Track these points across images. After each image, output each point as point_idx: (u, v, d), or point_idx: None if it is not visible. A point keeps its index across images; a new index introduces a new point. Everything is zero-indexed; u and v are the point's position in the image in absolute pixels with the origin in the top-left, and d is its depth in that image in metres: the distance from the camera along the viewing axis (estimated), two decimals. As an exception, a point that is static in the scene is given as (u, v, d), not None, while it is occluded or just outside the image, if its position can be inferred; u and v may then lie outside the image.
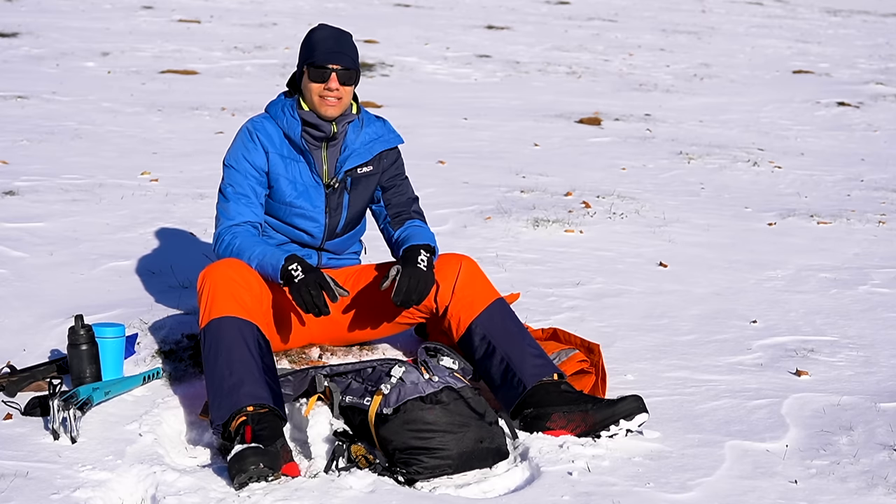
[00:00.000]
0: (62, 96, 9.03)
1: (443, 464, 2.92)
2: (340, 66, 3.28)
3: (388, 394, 3.01)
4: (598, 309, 4.33)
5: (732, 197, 6.71)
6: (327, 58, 3.27)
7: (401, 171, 3.57)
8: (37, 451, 2.91)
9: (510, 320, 3.32)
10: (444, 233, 5.34)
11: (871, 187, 7.23)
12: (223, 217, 3.35)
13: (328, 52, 3.28)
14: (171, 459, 2.98)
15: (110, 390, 3.24)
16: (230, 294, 3.10)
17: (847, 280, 4.89)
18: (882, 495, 2.82)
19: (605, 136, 8.77)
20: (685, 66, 13.93)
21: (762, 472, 2.95)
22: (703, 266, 5.04)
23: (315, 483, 2.79)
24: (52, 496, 2.67)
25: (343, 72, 3.29)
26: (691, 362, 3.79)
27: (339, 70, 3.28)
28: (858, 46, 17.18)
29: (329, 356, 3.57)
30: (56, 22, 13.76)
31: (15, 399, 3.22)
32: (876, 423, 3.25)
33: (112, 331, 3.39)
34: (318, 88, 3.29)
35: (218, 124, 8.24)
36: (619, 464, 2.95)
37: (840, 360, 3.86)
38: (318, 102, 3.31)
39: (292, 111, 3.38)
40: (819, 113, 10.80)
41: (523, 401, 3.18)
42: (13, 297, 4.11)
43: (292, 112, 3.37)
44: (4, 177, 5.97)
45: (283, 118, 3.39)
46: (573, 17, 19.05)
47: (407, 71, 12.16)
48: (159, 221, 5.28)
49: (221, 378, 3.00)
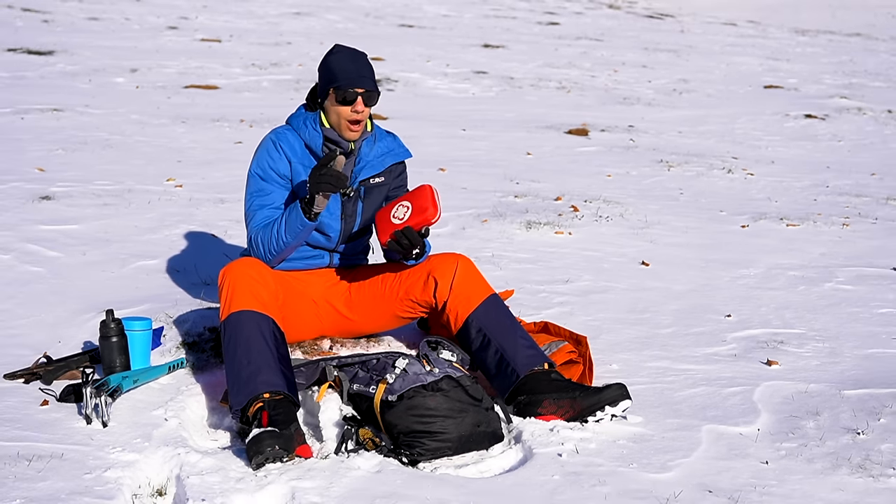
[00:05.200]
0: (94, 109, 9.02)
1: (443, 446, 2.92)
2: (365, 90, 3.28)
3: (392, 383, 3.01)
4: (586, 304, 4.33)
5: (709, 201, 6.70)
6: (352, 82, 3.26)
7: (404, 182, 3.57)
8: (71, 434, 2.91)
9: (504, 314, 3.31)
10: (445, 234, 5.33)
11: (835, 193, 7.23)
12: (252, 224, 3.34)
13: (352, 78, 3.26)
14: (194, 442, 2.98)
15: (138, 379, 3.24)
16: (248, 290, 3.10)
17: (814, 278, 4.88)
18: (846, 475, 2.82)
19: (592, 146, 8.76)
20: (665, 81, 13.92)
21: (736, 453, 2.95)
22: (681, 265, 5.04)
23: (326, 464, 2.79)
24: (84, 476, 2.67)
25: (367, 94, 3.28)
26: (671, 353, 3.79)
27: (363, 93, 3.28)
28: (824, 63, 17.18)
29: (339, 347, 3.57)
30: (89, 41, 13.76)
31: (51, 387, 3.23)
32: (840, 408, 3.25)
33: (140, 324, 3.39)
34: (345, 112, 3.28)
35: (237, 135, 8.23)
36: (605, 446, 2.95)
37: (807, 351, 3.85)
38: (344, 126, 3.31)
39: (314, 125, 3.36)
40: (788, 124, 10.79)
41: (516, 388, 3.17)
42: (49, 294, 4.11)
43: (314, 125, 3.36)
44: (41, 183, 5.97)
45: (305, 130, 3.38)
46: (563, 37, 19.04)
47: (410, 86, 12.15)
48: (183, 224, 5.27)
49: (240, 367, 3.00)
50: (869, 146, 9.77)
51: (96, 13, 17.02)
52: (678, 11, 27.30)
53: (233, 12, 18.82)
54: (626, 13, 26.01)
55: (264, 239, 3.27)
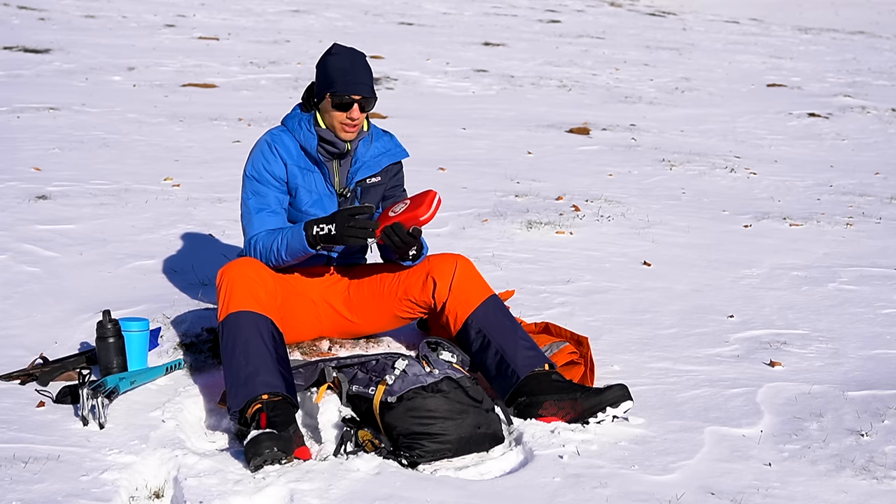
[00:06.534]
0: (91, 108, 9.02)
1: (443, 448, 2.92)
2: (361, 97, 3.28)
3: (392, 384, 3.01)
4: (587, 304, 4.33)
5: (711, 201, 6.70)
6: (349, 88, 3.25)
7: (401, 182, 3.57)
8: (67, 436, 2.91)
9: (503, 315, 3.32)
10: (444, 234, 5.33)
11: (839, 192, 7.23)
12: (248, 228, 3.34)
13: (350, 84, 3.26)
14: (191, 444, 2.98)
15: (135, 380, 3.24)
16: (246, 290, 3.10)
17: (817, 278, 4.88)
18: (849, 477, 2.82)
19: (593, 145, 8.76)
20: (667, 79, 13.92)
21: (738, 455, 2.95)
22: (683, 265, 5.04)
23: (325, 466, 2.79)
24: (81, 478, 2.67)
25: (363, 100, 3.28)
26: (673, 354, 3.79)
27: (359, 100, 3.28)
28: (828, 62, 17.19)
29: (338, 348, 3.57)
30: (85, 39, 13.76)
31: (47, 388, 3.22)
32: (844, 410, 3.25)
33: (137, 325, 3.39)
34: (340, 116, 3.29)
35: (235, 133, 8.23)
36: (607, 448, 2.95)
37: (811, 351, 3.85)
38: (339, 128, 3.31)
39: (309, 126, 3.36)
40: (791, 123, 10.79)
41: (517, 390, 3.17)
42: (46, 294, 4.11)
43: (309, 127, 3.36)
44: (38, 182, 5.96)
45: (300, 132, 3.37)
46: (564, 35, 19.05)
47: (410, 84, 12.16)
48: (181, 224, 5.27)
49: (238, 368, 3.00)
50: (873, 145, 9.77)
51: (93, 11, 17.03)
52: (680, 9, 27.31)
53: (231, 10, 18.83)
54: (627, 11, 26.02)
55: (263, 249, 3.28)
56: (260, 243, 3.28)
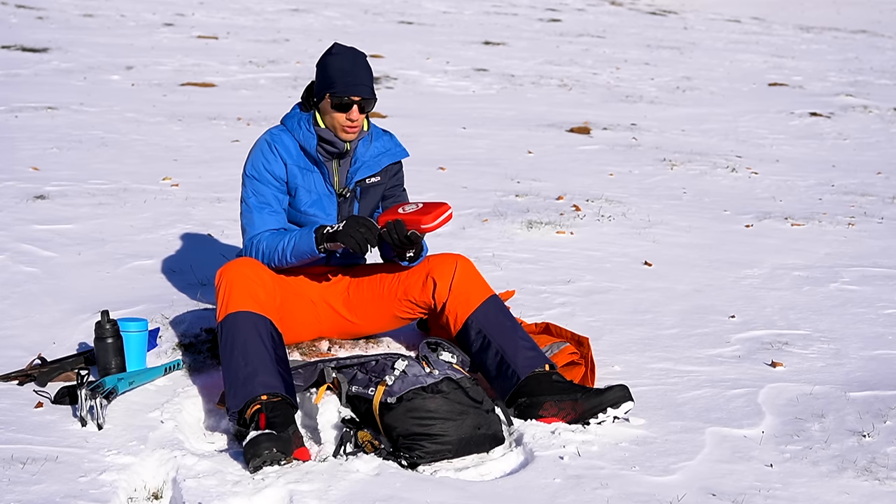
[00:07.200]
0: (89, 107, 9.03)
1: (443, 449, 2.92)
2: (361, 98, 3.28)
3: (391, 384, 3.01)
4: (588, 305, 4.33)
5: (712, 201, 6.70)
6: (348, 89, 3.25)
7: (400, 182, 3.57)
8: (66, 436, 2.91)
9: (504, 315, 3.32)
10: (444, 234, 5.33)
11: (841, 192, 7.23)
12: (248, 228, 3.34)
13: (349, 85, 3.25)
14: (190, 445, 2.98)
15: (134, 380, 3.24)
16: (245, 290, 3.10)
17: (819, 278, 4.88)
18: (851, 478, 2.82)
19: (594, 144, 8.76)
20: (668, 79, 13.92)
21: (740, 456, 2.95)
22: (684, 265, 5.04)
23: (324, 467, 2.79)
24: (79, 479, 2.67)
25: (363, 102, 3.28)
26: (674, 354, 3.79)
27: (359, 101, 3.28)
28: (829, 61, 17.19)
29: (337, 349, 3.57)
30: (83, 38, 13.76)
31: (45, 389, 3.22)
32: (846, 411, 3.25)
33: (136, 325, 3.39)
34: (340, 118, 3.29)
35: (234, 133, 8.24)
36: (607, 449, 2.95)
37: (812, 352, 3.85)
38: (339, 129, 3.31)
39: (308, 126, 3.36)
40: (793, 123, 10.79)
41: (517, 390, 3.17)
42: (44, 294, 4.11)
43: (308, 126, 3.36)
44: (36, 182, 5.96)
45: (299, 131, 3.37)
46: (564, 34, 19.05)
47: (410, 83, 12.16)
48: (179, 223, 5.27)
49: (237, 369, 3.00)
50: (875, 144, 9.77)
51: (91, 10, 17.03)
52: (681, 8, 27.32)
53: (230, 9, 18.83)
54: (628, 10, 26.03)
55: (266, 249, 3.27)
56: (263, 243, 3.28)
